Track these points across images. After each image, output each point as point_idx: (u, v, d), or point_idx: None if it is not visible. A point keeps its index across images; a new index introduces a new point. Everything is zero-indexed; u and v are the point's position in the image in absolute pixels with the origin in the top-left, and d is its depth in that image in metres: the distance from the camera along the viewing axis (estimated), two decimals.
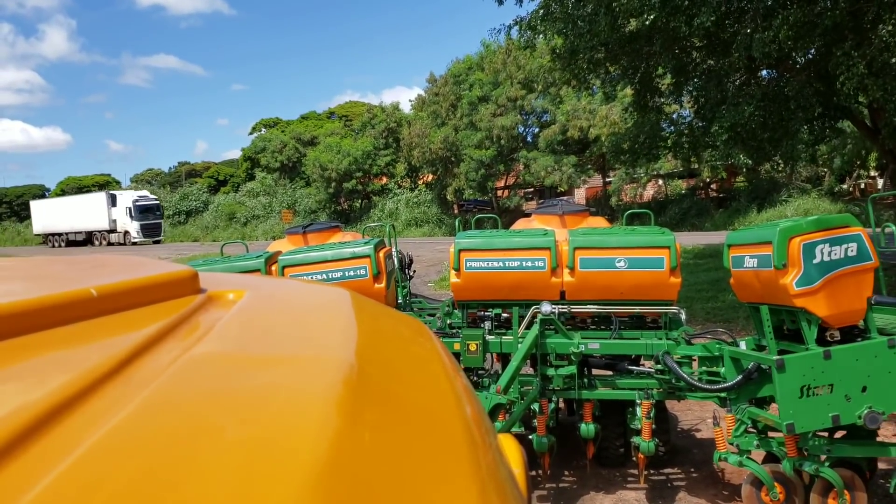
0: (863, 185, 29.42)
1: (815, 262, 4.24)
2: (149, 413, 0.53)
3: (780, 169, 12.53)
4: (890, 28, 7.14)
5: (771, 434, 4.54)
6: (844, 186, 29.15)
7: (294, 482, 0.44)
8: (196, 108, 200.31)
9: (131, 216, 43.69)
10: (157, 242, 43.70)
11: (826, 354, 4.22)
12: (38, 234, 51.26)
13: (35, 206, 52.65)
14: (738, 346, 4.79)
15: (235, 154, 61.73)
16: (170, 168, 69.82)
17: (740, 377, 4.52)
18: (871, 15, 7.57)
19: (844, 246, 4.19)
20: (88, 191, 58.94)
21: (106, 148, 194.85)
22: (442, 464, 0.56)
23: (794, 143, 10.53)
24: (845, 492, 4.18)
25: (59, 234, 48.37)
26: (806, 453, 4.37)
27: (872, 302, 4.35)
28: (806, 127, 10.01)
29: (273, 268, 5.75)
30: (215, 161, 67.54)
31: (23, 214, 61.65)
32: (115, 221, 44.86)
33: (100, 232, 45.63)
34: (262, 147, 47.57)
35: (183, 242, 42.14)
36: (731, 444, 4.51)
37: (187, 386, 0.59)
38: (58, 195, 60.87)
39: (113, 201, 45.11)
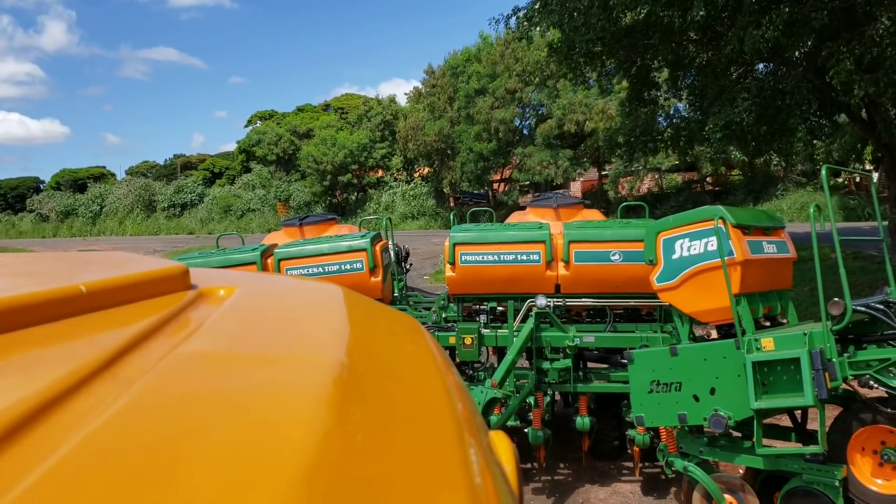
0: (857, 179, 29.45)
1: (674, 257, 4.16)
2: (136, 411, 0.52)
3: (775, 164, 12.45)
4: (884, 24, 7.14)
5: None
6: (840, 180, 29.19)
7: (281, 483, 0.44)
8: (194, 101, 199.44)
9: None
10: None
11: (672, 351, 4.14)
12: None
13: None
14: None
15: (231, 147, 61.47)
16: (165, 160, 69.48)
17: None
18: (861, 10, 7.57)
19: (704, 240, 4.02)
20: (84, 184, 58.59)
21: (103, 140, 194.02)
22: (432, 462, 0.56)
23: (790, 140, 10.53)
24: (727, 497, 4.03)
25: None
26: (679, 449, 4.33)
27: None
28: (803, 125, 10.01)
29: (269, 260, 5.74)
30: (211, 153, 67.29)
31: (17, 207, 61.31)
32: None
33: None
34: (258, 139, 47.39)
35: (178, 235, 42.04)
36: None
37: (175, 384, 0.59)
38: (52, 188, 60.49)
39: None
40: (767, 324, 4.45)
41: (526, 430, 5.08)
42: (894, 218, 10.66)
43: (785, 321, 4.41)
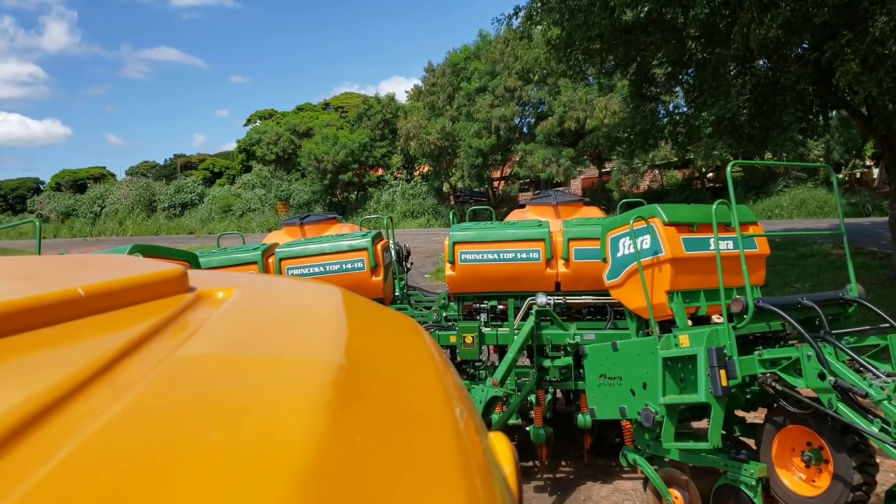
0: (858, 175, 29.43)
1: (619, 255, 4.29)
2: (134, 415, 0.52)
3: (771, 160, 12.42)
4: (883, 20, 7.13)
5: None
6: (840, 176, 29.18)
7: (279, 486, 0.44)
8: (195, 101, 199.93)
9: None
10: None
11: (613, 346, 4.27)
12: None
13: None
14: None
15: (231, 146, 61.44)
16: (165, 160, 69.48)
17: None
18: (862, 8, 7.56)
19: (641, 238, 4.12)
20: (84, 184, 58.58)
21: (104, 141, 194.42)
22: (430, 465, 0.56)
23: (783, 138, 10.51)
24: (672, 491, 4.09)
25: None
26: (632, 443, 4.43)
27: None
28: (796, 125, 9.99)
29: (270, 260, 5.74)
30: (210, 153, 67.26)
31: (18, 208, 61.29)
32: None
33: None
34: (258, 139, 47.35)
35: (179, 235, 42.04)
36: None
37: (173, 388, 0.59)
38: (52, 188, 60.51)
39: None
40: (720, 320, 4.47)
41: (527, 429, 5.08)
42: (895, 213, 10.64)
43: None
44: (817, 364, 3.39)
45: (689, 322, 4.05)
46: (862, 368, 3.42)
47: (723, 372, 3.50)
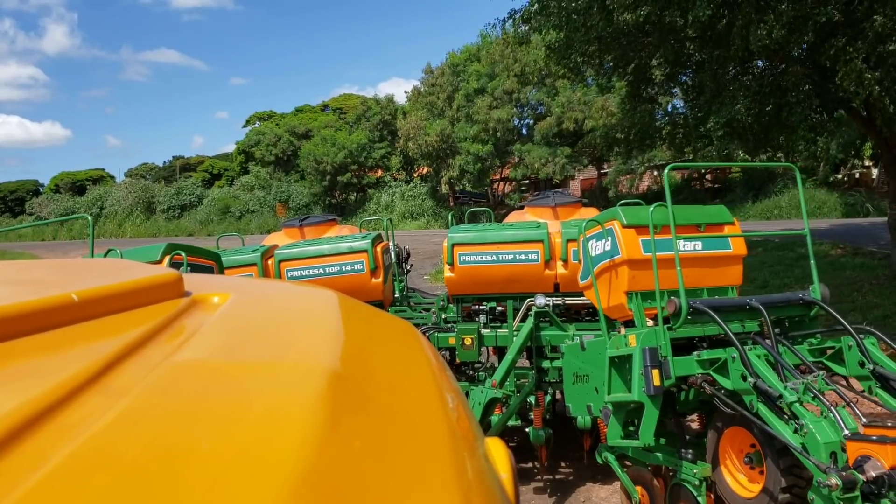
0: (857, 175, 29.43)
1: (590, 256, 4.36)
2: (127, 422, 0.52)
3: (777, 157, 12.36)
4: (883, 19, 7.13)
5: None
6: (839, 176, 29.17)
7: (272, 494, 0.43)
8: (195, 103, 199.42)
9: None
10: None
11: (581, 346, 4.34)
12: None
13: None
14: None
15: (231, 148, 61.40)
16: (164, 162, 69.44)
17: None
18: (863, 7, 7.56)
19: (604, 241, 4.19)
20: (83, 186, 58.55)
21: (104, 143, 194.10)
22: (425, 471, 0.56)
23: (792, 138, 10.50)
24: (638, 488, 4.16)
25: None
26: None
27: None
28: (804, 124, 9.98)
29: (269, 262, 5.74)
30: (210, 155, 67.20)
31: (17, 210, 61.24)
32: None
33: None
34: (257, 140, 47.33)
35: (178, 237, 42.01)
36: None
37: (167, 394, 0.59)
38: (52, 190, 60.48)
39: None
40: None
41: (527, 430, 5.08)
42: (894, 214, 10.64)
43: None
44: (740, 365, 3.42)
45: (650, 322, 4.06)
46: (788, 370, 3.40)
47: (656, 372, 3.52)
